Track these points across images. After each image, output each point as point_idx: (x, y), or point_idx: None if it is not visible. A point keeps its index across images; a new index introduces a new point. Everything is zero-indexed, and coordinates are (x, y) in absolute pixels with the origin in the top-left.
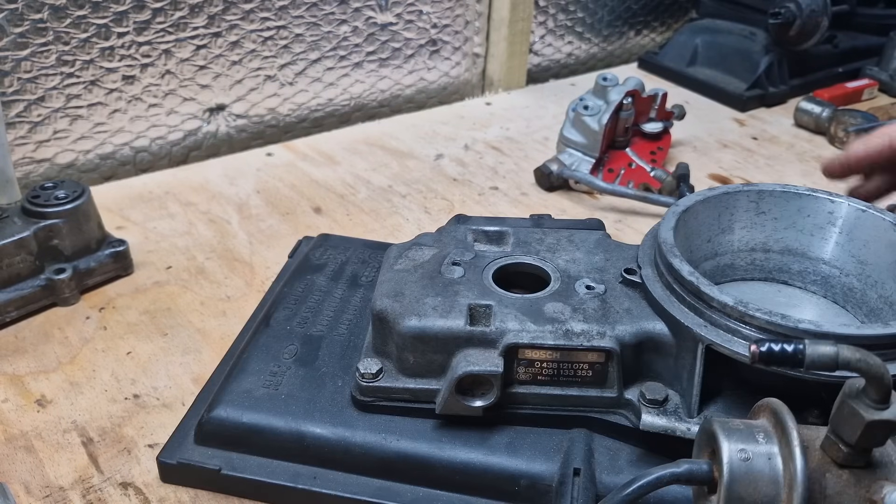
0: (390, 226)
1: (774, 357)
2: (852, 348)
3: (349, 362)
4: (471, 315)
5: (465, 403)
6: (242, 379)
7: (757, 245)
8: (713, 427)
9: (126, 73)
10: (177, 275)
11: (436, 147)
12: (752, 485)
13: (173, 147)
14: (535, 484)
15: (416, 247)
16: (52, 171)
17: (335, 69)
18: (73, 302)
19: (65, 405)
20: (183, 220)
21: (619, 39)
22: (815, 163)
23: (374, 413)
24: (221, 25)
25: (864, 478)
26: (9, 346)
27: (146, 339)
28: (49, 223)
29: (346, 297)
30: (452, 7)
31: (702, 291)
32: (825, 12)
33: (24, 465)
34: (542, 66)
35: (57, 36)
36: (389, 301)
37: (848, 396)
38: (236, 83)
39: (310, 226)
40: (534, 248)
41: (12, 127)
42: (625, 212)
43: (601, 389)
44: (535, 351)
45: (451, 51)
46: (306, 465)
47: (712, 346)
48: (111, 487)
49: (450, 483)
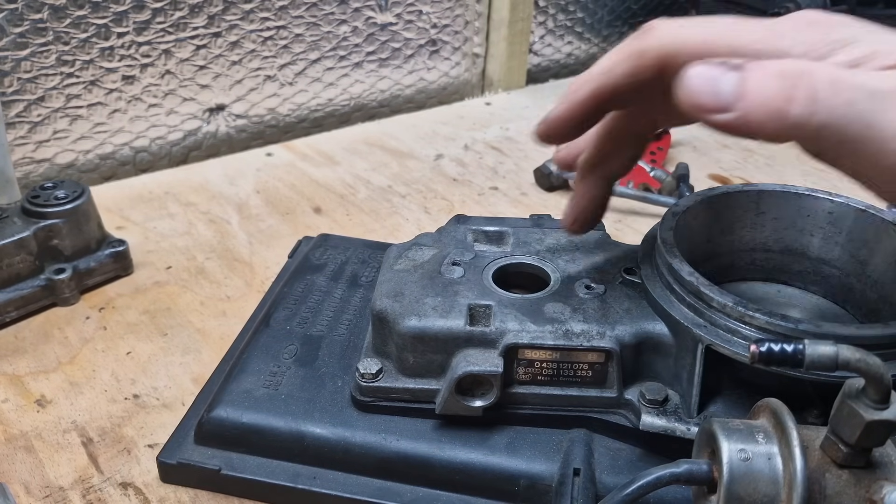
0: (390, 226)
1: (774, 357)
2: (852, 348)
3: (349, 362)
4: (471, 315)
5: (464, 403)
6: (242, 379)
7: (757, 245)
8: (713, 427)
9: (126, 73)
10: (177, 275)
11: (436, 147)
12: (752, 485)
13: (173, 147)
14: (534, 484)
15: (415, 247)
16: (52, 171)
17: (335, 69)
18: (72, 302)
19: (65, 405)
20: (183, 220)
21: (619, 39)
22: (815, 163)
23: (373, 413)
24: (221, 25)
25: (864, 478)
26: (8, 346)
27: (146, 339)
28: (49, 223)
29: (345, 297)
30: (452, 7)
31: (702, 292)
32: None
33: (23, 465)
34: (541, 67)
35: (57, 36)
36: (389, 301)
37: (847, 396)
38: (236, 83)
39: (310, 226)
40: (534, 248)
41: (12, 127)
42: (625, 212)
43: (601, 389)
44: (535, 351)
45: (450, 51)
46: (306, 465)
47: (712, 347)
48: (111, 487)
49: (449, 483)
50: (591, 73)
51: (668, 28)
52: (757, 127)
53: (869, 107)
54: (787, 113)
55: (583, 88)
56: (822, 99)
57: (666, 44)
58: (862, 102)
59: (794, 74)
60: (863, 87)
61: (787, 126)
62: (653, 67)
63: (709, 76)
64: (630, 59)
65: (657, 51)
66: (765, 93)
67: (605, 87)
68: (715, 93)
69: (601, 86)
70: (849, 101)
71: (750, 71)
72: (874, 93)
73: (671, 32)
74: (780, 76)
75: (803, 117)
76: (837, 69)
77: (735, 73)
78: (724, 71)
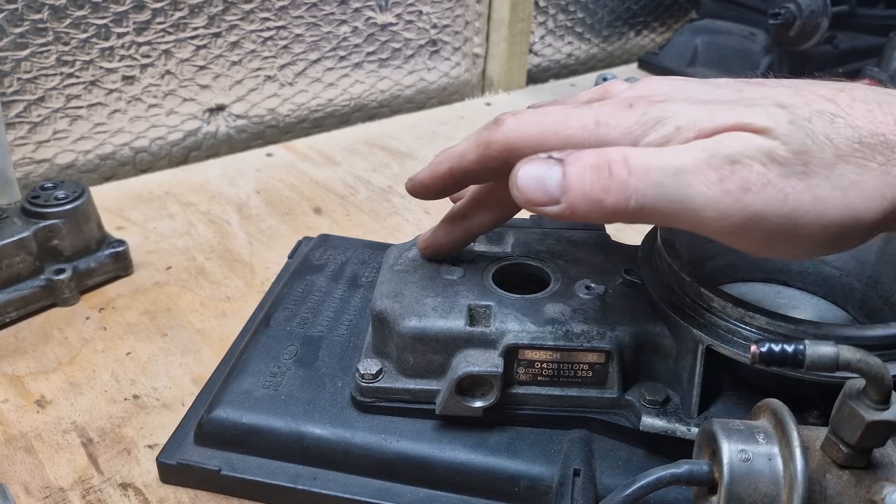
0: (390, 226)
1: (775, 358)
2: (853, 349)
3: (349, 363)
4: (471, 316)
5: (464, 404)
6: (242, 379)
7: None
8: (713, 428)
9: (126, 74)
10: (177, 275)
11: (436, 147)
12: (753, 485)
13: (173, 147)
14: (535, 484)
15: (415, 247)
16: (51, 171)
17: (335, 69)
18: (72, 302)
19: (64, 406)
20: (183, 220)
21: (619, 40)
22: None
23: (373, 414)
24: (221, 26)
25: (865, 478)
26: (8, 347)
27: (146, 340)
28: (49, 223)
29: (345, 297)
30: (452, 7)
31: (702, 292)
32: (825, 13)
33: (23, 465)
34: (542, 67)
35: (57, 36)
36: (389, 302)
37: (848, 397)
38: (236, 83)
39: (310, 226)
40: (534, 249)
41: (12, 127)
42: None
43: (601, 390)
44: (535, 351)
45: (450, 51)
46: (306, 465)
47: (712, 347)
48: (111, 488)
49: (450, 484)
50: (451, 153)
51: (511, 123)
52: (583, 215)
53: (675, 183)
54: (605, 202)
55: (441, 165)
56: (632, 185)
57: (508, 138)
58: (668, 181)
59: (606, 166)
60: (667, 167)
61: (608, 213)
62: (498, 157)
63: (535, 174)
64: (478, 148)
65: (501, 144)
66: (583, 186)
67: (458, 168)
68: (543, 189)
69: (456, 167)
70: (657, 183)
71: (570, 164)
72: (678, 171)
73: (512, 127)
74: (594, 169)
75: (620, 204)
76: (645, 153)
77: (558, 168)
78: (549, 167)
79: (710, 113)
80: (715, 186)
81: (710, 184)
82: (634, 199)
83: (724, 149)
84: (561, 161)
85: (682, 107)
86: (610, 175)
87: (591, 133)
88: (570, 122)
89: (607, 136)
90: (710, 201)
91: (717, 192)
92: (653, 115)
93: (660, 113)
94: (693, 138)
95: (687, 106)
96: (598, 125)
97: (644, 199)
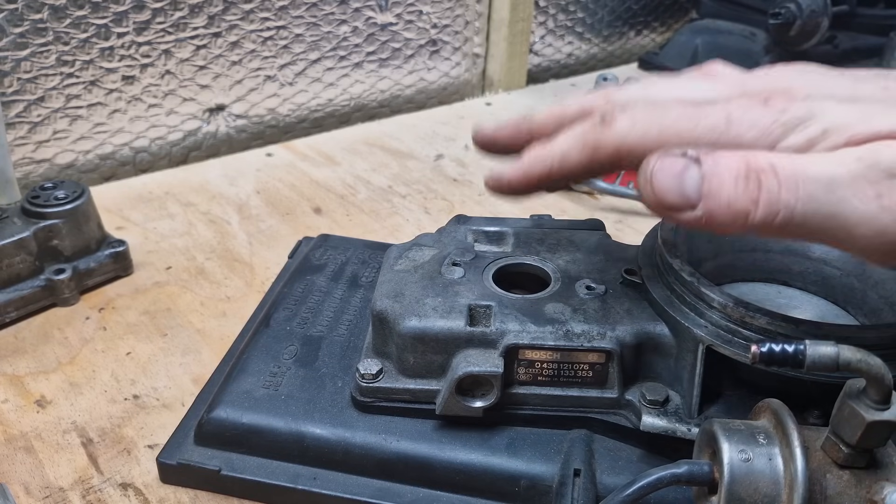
0: (390, 226)
1: (775, 358)
2: (853, 349)
3: (349, 363)
4: (471, 316)
5: (465, 404)
6: (242, 379)
7: (758, 245)
8: (713, 428)
9: (126, 74)
10: (177, 275)
11: (436, 147)
12: (753, 485)
13: (173, 147)
14: (535, 484)
15: (415, 247)
16: (51, 171)
17: (335, 69)
18: (72, 302)
19: (64, 406)
20: (183, 220)
21: (619, 40)
22: None
23: (374, 414)
24: (221, 26)
25: (865, 478)
26: (8, 347)
27: (146, 340)
28: (49, 223)
29: (346, 297)
30: (452, 7)
31: (702, 292)
32: (825, 13)
33: (23, 465)
34: (542, 67)
35: (57, 36)
36: (389, 301)
37: (848, 397)
38: (236, 83)
39: (310, 226)
40: (534, 249)
41: (12, 127)
42: (625, 212)
43: (601, 390)
44: (536, 351)
45: (450, 51)
46: (306, 465)
47: (713, 347)
48: (111, 488)
49: (450, 484)
50: (548, 153)
51: (625, 124)
52: (718, 225)
53: (829, 198)
54: (752, 215)
55: (537, 167)
56: (783, 199)
57: (625, 141)
58: (821, 195)
59: (754, 175)
60: (819, 178)
61: (751, 226)
62: (608, 160)
63: (673, 173)
64: (584, 150)
65: (614, 147)
66: (727, 194)
67: (558, 170)
68: (680, 191)
69: (556, 169)
70: (809, 197)
71: (709, 167)
72: (831, 183)
73: (627, 129)
74: (740, 178)
75: (767, 218)
76: (794, 161)
77: (697, 169)
78: (685, 166)
79: (864, 116)
80: (872, 203)
81: (868, 200)
82: (783, 213)
83: (883, 161)
84: (698, 161)
85: (830, 106)
86: (759, 186)
87: (720, 135)
88: (695, 120)
89: (741, 139)
90: (864, 218)
91: (873, 209)
92: (794, 115)
93: (803, 112)
94: (843, 145)
95: (835, 105)
96: (730, 125)
97: (793, 214)
